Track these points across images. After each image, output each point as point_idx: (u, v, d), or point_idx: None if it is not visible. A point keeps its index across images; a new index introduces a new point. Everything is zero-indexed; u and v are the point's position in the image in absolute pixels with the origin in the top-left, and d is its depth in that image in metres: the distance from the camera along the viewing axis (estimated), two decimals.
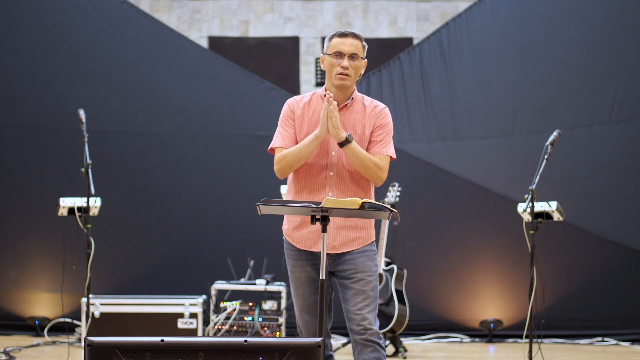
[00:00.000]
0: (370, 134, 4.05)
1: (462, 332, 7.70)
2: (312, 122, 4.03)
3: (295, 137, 4.05)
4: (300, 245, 4.03)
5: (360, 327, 3.95)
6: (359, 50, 4.03)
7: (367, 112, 4.07)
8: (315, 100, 4.09)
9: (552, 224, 6.00)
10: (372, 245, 4.07)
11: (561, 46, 7.74)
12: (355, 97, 4.09)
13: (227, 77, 8.02)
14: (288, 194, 4.11)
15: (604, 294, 7.60)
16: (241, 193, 7.74)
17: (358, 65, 4.02)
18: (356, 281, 3.98)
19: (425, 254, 7.82)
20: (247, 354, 3.01)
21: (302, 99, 4.12)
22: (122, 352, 2.99)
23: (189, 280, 7.62)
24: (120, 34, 7.91)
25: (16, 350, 6.85)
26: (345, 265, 4.00)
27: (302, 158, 3.97)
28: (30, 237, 7.68)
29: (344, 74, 3.99)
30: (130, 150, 7.89)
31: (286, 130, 4.06)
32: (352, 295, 3.98)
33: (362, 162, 3.95)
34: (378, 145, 4.04)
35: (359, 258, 4.00)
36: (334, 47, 4.04)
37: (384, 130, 4.06)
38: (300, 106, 4.08)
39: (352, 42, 4.02)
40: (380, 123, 4.06)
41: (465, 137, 7.91)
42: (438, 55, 7.94)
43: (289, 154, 3.98)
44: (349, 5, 9.49)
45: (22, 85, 7.76)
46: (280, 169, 4.01)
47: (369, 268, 4.00)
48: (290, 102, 4.12)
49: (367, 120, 4.05)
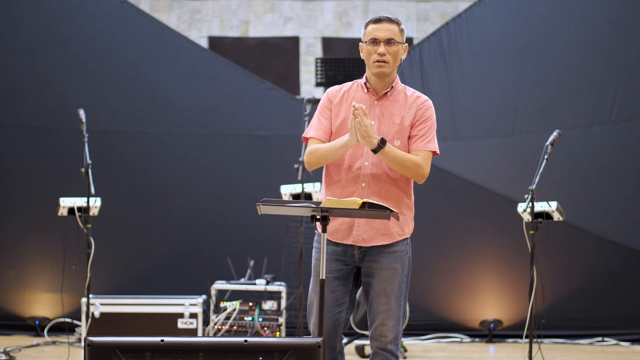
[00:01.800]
0: (411, 127, 3.91)
1: (462, 332, 7.70)
2: (349, 110, 3.86)
3: (331, 128, 3.94)
4: (332, 237, 3.90)
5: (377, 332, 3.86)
6: (396, 35, 3.88)
7: (408, 102, 3.93)
8: (354, 89, 3.97)
9: (552, 224, 6.00)
10: (403, 245, 3.97)
11: (561, 46, 7.74)
12: (396, 86, 3.95)
13: (227, 77, 8.01)
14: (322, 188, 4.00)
15: (604, 294, 7.59)
16: (241, 193, 7.74)
17: (396, 51, 3.87)
18: (379, 282, 3.88)
19: (425, 254, 7.81)
20: (247, 354, 3.01)
21: (342, 87, 4.00)
22: (122, 352, 2.99)
23: (189, 280, 7.62)
24: (120, 34, 7.90)
25: (16, 350, 6.85)
26: (371, 262, 3.89)
27: (330, 159, 3.87)
28: (30, 237, 7.68)
29: (381, 60, 3.84)
30: (130, 150, 7.89)
31: (321, 121, 3.94)
32: (374, 296, 3.88)
33: (399, 165, 3.83)
34: (419, 140, 3.90)
35: (386, 258, 3.90)
36: (369, 34, 3.90)
37: (426, 124, 3.91)
38: (340, 95, 3.96)
39: (387, 27, 3.89)
40: (423, 117, 3.91)
41: (465, 137, 7.91)
42: (438, 55, 7.94)
43: (318, 150, 3.87)
44: (349, 5, 9.49)
45: (22, 85, 7.76)
46: (309, 162, 3.92)
47: (394, 269, 3.91)
48: (329, 92, 4.01)
49: (408, 111, 3.91)
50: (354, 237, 3.89)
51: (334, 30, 9.58)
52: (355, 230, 3.88)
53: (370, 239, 3.90)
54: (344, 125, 3.90)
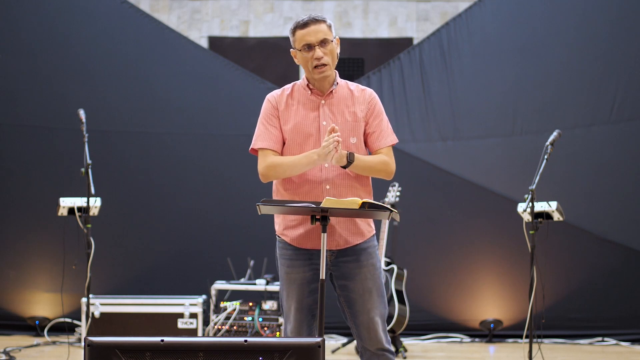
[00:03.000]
0: (366, 124, 3.87)
1: (462, 332, 7.70)
2: (298, 114, 3.85)
3: (281, 137, 3.84)
4: (302, 245, 3.83)
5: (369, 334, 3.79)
6: (327, 34, 3.78)
7: (355, 96, 3.88)
8: (297, 92, 3.90)
9: (552, 224, 6.00)
10: (373, 240, 3.91)
11: (561, 46, 7.74)
12: (340, 82, 3.89)
13: (227, 77, 8.02)
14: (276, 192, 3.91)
15: (604, 294, 7.60)
16: (241, 193, 7.74)
17: (332, 49, 3.80)
18: (360, 281, 3.81)
19: (425, 254, 7.82)
20: (247, 354, 3.01)
21: (283, 92, 3.91)
22: (122, 352, 2.99)
23: (189, 280, 7.62)
24: (120, 34, 7.91)
25: (16, 350, 6.85)
26: (348, 264, 3.83)
27: (293, 174, 3.80)
28: (30, 237, 7.68)
29: (321, 64, 3.77)
30: (130, 150, 7.89)
31: (269, 130, 3.84)
32: (357, 297, 3.81)
33: (369, 171, 3.81)
34: (378, 138, 3.87)
35: (362, 255, 3.83)
36: (300, 40, 3.80)
37: (379, 118, 3.88)
38: (284, 100, 3.88)
39: (316, 29, 3.77)
40: (374, 112, 3.88)
41: (465, 137, 7.91)
42: (438, 55, 7.94)
43: (281, 165, 3.77)
44: (349, 5, 9.49)
45: (22, 85, 7.76)
46: (267, 175, 3.82)
47: (372, 265, 3.84)
48: (271, 98, 3.91)
49: (357, 106, 3.86)
50: (327, 243, 3.78)
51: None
52: (328, 235, 3.78)
53: (344, 241, 3.83)
54: (297, 129, 3.83)
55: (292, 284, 3.83)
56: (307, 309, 3.84)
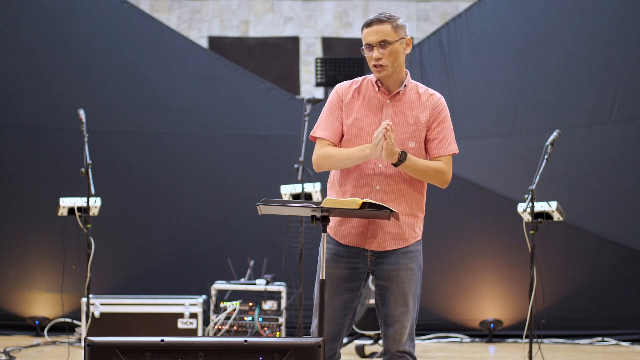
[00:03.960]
0: (428, 130, 3.82)
1: (462, 332, 7.70)
2: (361, 109, 3.82)
3: (340, 129, 3.83)
4: (344, 241, 3.82)
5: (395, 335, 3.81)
6: (389, 35, 3.75)
7: (421, 100, 3.84)
8: (365, 86, 3.86)
9: (552, 224, 6.00)
10: (416, 245, 3.89)
11: (561, 46, 7.74)
12: (409, 84, 3.87)
13: (227, 77, 8.01)
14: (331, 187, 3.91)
15: (604, 294, 7.59)
16: (241, 193, 7.74)
17: (393, 50, 3.77)
18: (397, 284, 3.80)
19: (425, 254, 7.78)
20: (247, 354, 3.01)
21: (352, 84, 3.88)
22: (122, 352, 2.99)
23: (189, 280, 7.62)
24: (120, 34, 7.90)
25: (16, 350, 6.85)
26: (387, 266, 3.81)
27: (345, 166, 3.80)
28: (30, 237, 7.68)
29: (378, 65, 3.76)
30: (130, 150, 7.89)
31: (330, 121, 3.84)
32: (393, 299, 3.81)
33: (421, 174, 3.78)
34: (439, 145, 3.82)
35: (402, 259, 3.82)
36: (363, 39, 3.80)
37: (443, 125, 3.82)
38: (350, 92, 3.85)
39: (377, 29, 3.75)
40: (439, 118, 3.83)
41: (465, 137, 7.90)
42: (438, 55, 7.94)
43: (334, 156, 3.79)
44: (349, 5, 9.49)
45: (22, 85, 7.76)
46: (320, 165, 3.84)
47: (410, 269, 3.83)
48: (339, 89, 3.89)
49: (422, 111, 3.83)
50: (367, 242, 3.80)
51: (334, 30, 9.58)
52: (370, 234, 3.80)
53: (385, 243, 3.81)
54: (356, 124, 3.82)
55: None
56: (339, 305, 3.83)
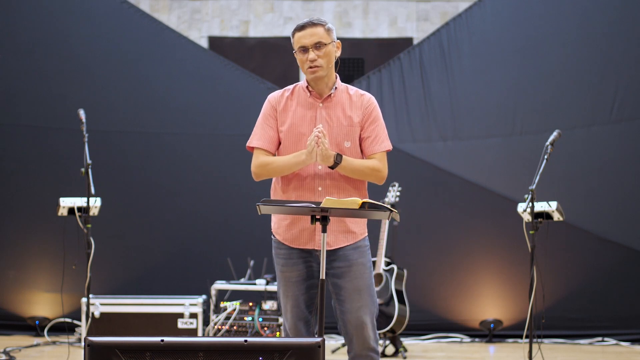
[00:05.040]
0: (361, 129, 3.93)
1: (462, 332, 7.70)
2: (295, 115, 3.92)
3: (276, 137, 3.94)
4: (294, 244, 3.91)
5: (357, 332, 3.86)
6: (323, 37, 3.86)
7: (353, 100, 3.93)
8: (297, 92, 3.98)
9: (552, 224, 6.00)
10: (365, 240, 3.96)
11: (561, 46, 7.74)
12: (339, 86, 3.96)
13: (227, 77, 8.02)
14: (274, 194, 4.00)
15: (604, 294, 7.60)
16: (241, 193, 7.74)
17: (327, 52, 3.87)
18: (350, 280, 3.87)
19: (425, 254, 7.82)
20: (247, 354, 3.01)
21: (284, 92, 3.99)
22: (122, 352, 2.99)
23: (189, 280, 7.62)
24: (120, 34, 7.90)
25: (16, 350, 6.85)
26: (339, 262, 3.89)
27: (283, 174, 3.90)
28: (30, 237, 7.68)
29: (314, 66, 3.85)
30: (130, 150, 7.89)
31: (265, 130, 3.95)
32: (347, 295, 3.88)
33: (358, 174, 3.88)
34: (373, 143, 3.92)
35: (353, 254, 3.90)
36: (296, 42, 3.89)
37: (375, 124, 3.93)
38: (283, 100, 3.96)
39: (312, 32, 3.85)
40: (371, 117, 3.93)
41: (465, 137, 7.91)
42: (438, 55, 7.95)
43: (272, 164, 3.89)
44: (349, 5, 9.49)
45: (22, 85, 7.76)
46: (259, 174, 3.95)
47: (362, 264, 3.90)
48: (271, 98, 4.00)
49: (354, 111, 3.92)
50: (316, 243, 3.88)
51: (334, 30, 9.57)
52: (317, 235, 3.87)
53: (335, 241, 3.90)
54: (291, 131, 3.92)
55: (288, 282, 3.92)
56: (304, 306, 3.92)
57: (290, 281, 3.91)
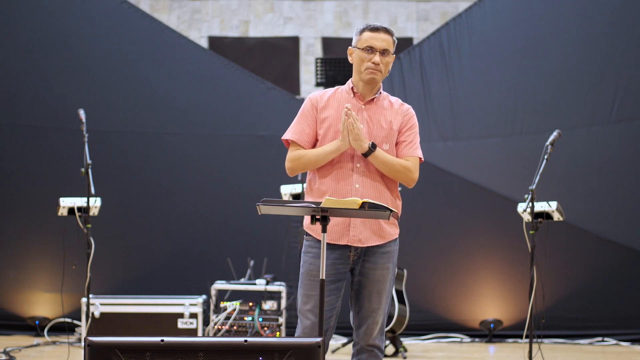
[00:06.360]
0: (399, 134, 3.98)
1: (462, 332, 7.70)
2: (336, 114, 3.94)
3: (312, 135, 3.96)
4: (328, 238, 3.86)
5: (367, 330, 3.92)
6: (390, 46, 3.96)
7: (394, 108, 4.01)
8: (339, 94, 4.02)
9: (552, 224, 6.00)
10: (394, 244, 3.98)
11: (561, 46, 7.74)
12: (383, 93, 4.03)
13: (227, 77, 8.02)
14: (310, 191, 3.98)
15: (604, 294, 7.60)
16: (241, 193, 7.74)
17: (389, 62, 3.97)
18: (374, 282, 3.91)
19: (425, 254, 7.82)
20: (247, 354, 3.01)
21: (326, 92, 4.04)
22: (122, 352, 2.99)
23: (189, 280, 7.62)
24: (120, 34, 7.90)
25: (16, 350, 6.85)
26: (367, 262, 3.92)
27: (318, 165, 3.92)
28: (30, 237, 7.68)
29: (375, 69, 3.93)
30: (130, 150, 7.89)
31: (302, 126, 3.96)
32: (367, 295, 3.92)
33: (389, 168, 3.91)
34: (408, 147, 3.99)
35: (382, 259, 3.92)
36: (365, 41, 3.96)
37: (412, 131, 4.01)
38: (324, 100, 3.99)
39: (384, 38, 3.95)
40: (409, 124, 4.00)
41: (465, 137, 7.91)
42: (438, 55, 7.95)
43: (305, 156, 3.92)
44: (349, 5, 9.49)
45: (22, 85, 7.76)
46: (293, 168, 3.96)
47: (387, 269, 3.94)
48: (312, 98, 4.03)
49: (395, 117, 3.99)
50: (350, 238, 3.90)
51: (334, 30, 9.58)
52: (352, 230, 3.89)
53: (367, 239, 3.91)
54: (330, 131, 3.94)
55: (313, 280, 3.87)
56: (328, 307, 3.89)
57: (316, 280, 3.86)
